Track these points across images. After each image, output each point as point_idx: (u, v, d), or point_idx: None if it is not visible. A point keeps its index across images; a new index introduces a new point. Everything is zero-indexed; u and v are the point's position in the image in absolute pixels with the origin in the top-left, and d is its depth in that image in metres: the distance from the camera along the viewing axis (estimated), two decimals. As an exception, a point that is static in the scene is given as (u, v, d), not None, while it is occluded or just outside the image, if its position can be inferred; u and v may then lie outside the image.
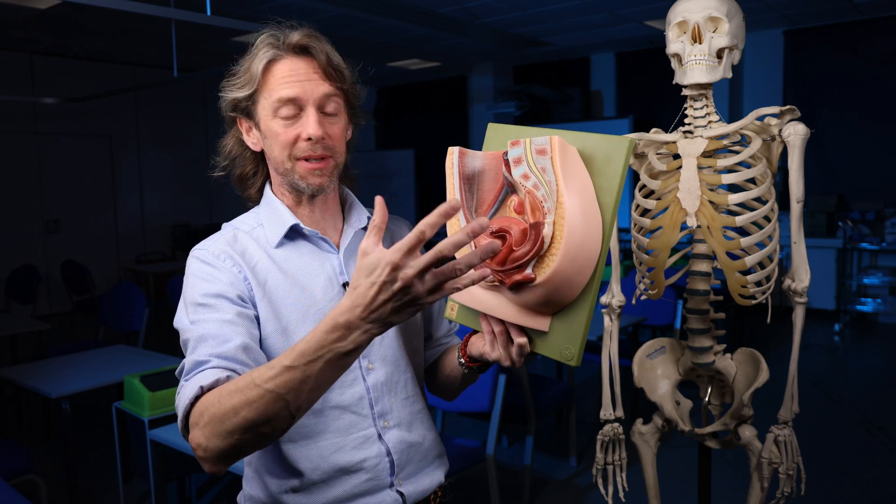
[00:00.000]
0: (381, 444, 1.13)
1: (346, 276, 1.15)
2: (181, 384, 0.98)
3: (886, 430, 3.87)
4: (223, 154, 1.19)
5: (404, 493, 1.15)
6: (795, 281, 1.56)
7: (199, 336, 1.00)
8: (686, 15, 1.55)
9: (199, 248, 1.11)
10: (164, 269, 6.66)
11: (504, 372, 2.67)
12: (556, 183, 0.93)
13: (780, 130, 1.54)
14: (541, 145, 0.95)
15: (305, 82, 1.08)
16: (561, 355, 0.99)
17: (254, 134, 1.14)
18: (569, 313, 0.98)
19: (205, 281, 1.06)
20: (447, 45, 7.48)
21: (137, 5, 3.96)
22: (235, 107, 1.13)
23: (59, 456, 3.70)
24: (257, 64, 1.08)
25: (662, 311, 3.91)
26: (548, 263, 0.93)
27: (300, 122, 1.08)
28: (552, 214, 0.93)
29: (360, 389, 1.13)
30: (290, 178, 1.11)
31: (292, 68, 1.08)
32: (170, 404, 2.53)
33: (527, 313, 1.00)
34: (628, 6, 6.04)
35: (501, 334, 1.04)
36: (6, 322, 4.21)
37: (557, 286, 0.94)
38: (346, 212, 1.22)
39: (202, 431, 0.89)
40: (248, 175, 1.20)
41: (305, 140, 1.08)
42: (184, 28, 5.57)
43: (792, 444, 1.62)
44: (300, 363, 0.84)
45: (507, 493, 3.18)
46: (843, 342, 6.06)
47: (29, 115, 7.56)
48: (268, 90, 1.09)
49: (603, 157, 0.96)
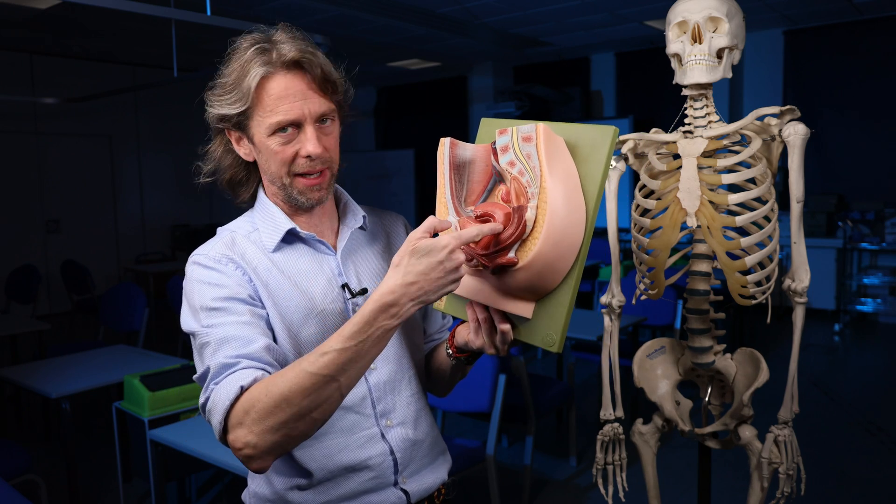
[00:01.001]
0: (385, 442, 1.13)
1: (345, 276, 1.15)
2: (209, 387, 0.97)
3: (886, 430, 3.86)
4: (211, 159, 1.16)
5: (408, 490, 1.15)
6: (795, 281, 1.56)
7: (221, 339, 0.99)
8: (686, 15, 1.55)
9: (199, 254, 1.09)
10: (164, 269, 6.65)
11: (504, 372, 2.67)
12: (541, 169, 0.95)
13: (780, 130, 1.53)
14: (526, 133, 0.97)
15: (302, 102, 1.05)
16: (543, 341, 1.00)
17: (245, 145, 1.11)
18: (551, 299, 0.99)
19: (212, 286, 1.05)
20: (447, 45, 7.48)
21: (137, 5, 3.96)
22: (223, 120, 1.09)
23: (59, 456, 3.70)
24: (250, 81, 1.03)
25: (662, 311, 3.91)
26: (530, 247, 0.95)
27: (298, 140, 1.06)
28: (535, 199, 0.95)
29: (363, 389, 1.13)
30: (289, 192, 1.10)
31: (287, 86, 1.04)
32: (170, 404, 2.53)
33: (510, 299, 1.02)
34: (628, 6, 6.04)
35: (486, 322, 1.06)
36: (6, 322, 4.21)
37: (539, 270, 0.96)
38: (341, 212, 1.22)
39: (250, 429, 0.91)
40: (239, 180, 1.18)
41: (304, 157, 1.07)
42: (184, 28, 5.57)
43: (792, 444, 1.62)
44: (350, 344, 0.91)
45: (507, 493, 3.18)
46: (843, 342, 6.06)
47: (29, 115, 7.56)
48: (262, 109, 1.05)
49: (589, 145, 0.98)
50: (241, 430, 0.91)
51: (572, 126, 1.00)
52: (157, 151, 8.61)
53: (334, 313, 1.12)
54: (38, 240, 7.70)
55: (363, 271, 1.18)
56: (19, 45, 7.27)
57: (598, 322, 1.77)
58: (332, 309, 1.12)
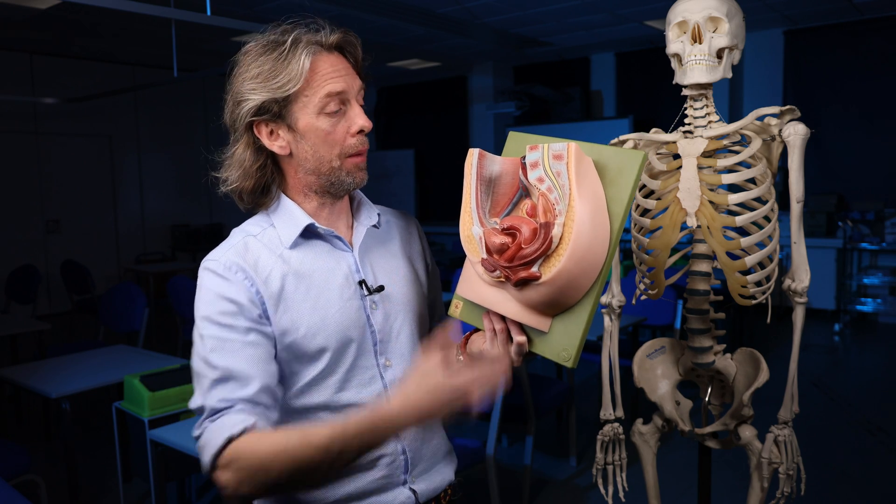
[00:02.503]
0: (398, 441, 1.13)
1: (362, 273, 1.14)
2: (203, 424, 1.00)
3: (886, 430, 3.86)
4: (235, 165, 1.10)
5: (417, 490, 1.15)
6: (795, 281, 1.56)
7: (219, 375, 1.01)
8: (686, 15, 1.55)
9: (211, 260, 1.07)
10: (164, 269, 6.65)
11: (504, 372, 2.66)
12: (570, 187, 0.97)
13: (780, 130, 1.54)
14: (558, 151, 0.99)
15: (346, 76, 1.08)
16: (558, 356, 1.02)
17: (282, 136, 1.07)
18: (569, 315, 1.01)
19: (221, 298, 1.04)
20: (447, 45, 7.48)
21: (137, 5, 3.96)
22: (260, 111, 1.05)
23: (59, 456, 3.70)
24: (301, 60, 1.03)
25: (662, 311, 3.91)
26: (554, 263, 0.96)
27: (346, 118, 1.08)
28: (563, 217, 0.97)
29: (378, 387, 1.13)
30: (336, 176, 1.09)
31: (333, 64, 1.07)
32: (170, 404, 2.53)
33: (529, 312, 1.02)
34: (628, 6, 6.04)
35: (502, 332, 1.06)
36: (6, 322, 4.20)
37: (561, 286, 0.97)
38: (355, 209, 1.21)
39: (233, 476, 0.95)
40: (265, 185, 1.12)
41: (355, 134, 1.08)
42: (184, 28, 5.57)
43: (792, 444, 1.62)
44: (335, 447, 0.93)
45: (507, 493, 3.18)
46: (843, 342, 6.06)
47: (29, 115, 7.56)
48: (310, 88, 1.05)
49: (616, 168, 1.00)
50: (228, 472, 0.96)
51: (601, 147, 1.03)
52: (157, 151, 8.61)
53: (352, 311, 1.11)
54: (38, 240, 7.70)
55: (379, 269, 1.17)
56: (19, 45, 7.27)
57: (598, 322, 1.77)
58: (349, 307, 1.11)
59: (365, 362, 1.12)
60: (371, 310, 1.13)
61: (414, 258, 1.25)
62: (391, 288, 1.17)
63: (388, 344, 1.14)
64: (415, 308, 1.19)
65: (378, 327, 1.13)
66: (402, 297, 1.18)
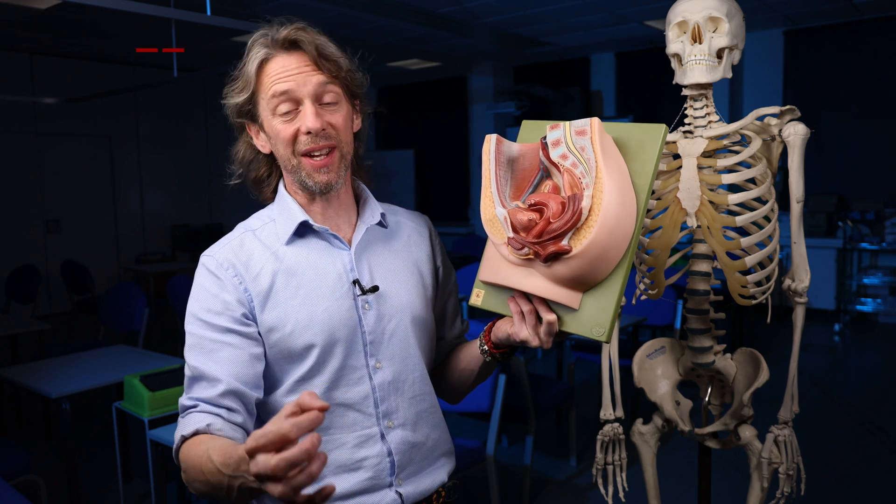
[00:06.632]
0: (384, 444, 1.13)
1: (356, 272, 1.14)
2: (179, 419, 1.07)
3: (886, 430, 3.86)
4: (237, 161, 1.19)
5: (402, 493, 1.14)
6: (795, 281, 1.56)
7: (193, 375, 1.06)
8: (686, 15, 1.55)
9: (208, 255, 1.12)
10: (164, 269, 6.65)
11: (504, 372, 2.67)
12: (596, 160, 0.96)
13: (780, 130, 1.54)
14: (580, 126, 1.00)
15: (297, 76, 1.08)
16: (591, 332, 1.00)
17: (262, 136, 1.14)
18: (600, 290, 1.00)
19: (208, 294, 1.09)
20: (447, 45, 7.48)
21: (137, 5, 3.96)
22: (240, 112, 1.13)
23: (59, 456, 3.70)
24: (251, 66, 1.09)
25: (662, 311, 3.91)
26: (584, 235, 0.96)
27: (299, 117, 1.08)
28: (590, 189, 0.96)
29: (366, 388, 1.12)
30: (298, 175, 1.11)
31: (283, 64, 1.08)
32: (170, 404, 2.53)
33: (558, 288, 1.01)
34: (628, 6, 6.04)
35: (531, 313, 1.04)
36: (6, 322, 4.20)
37: (592, 259, 0.96)
38: (360, 207, 1.21)
39: (183, 474, 0.99)
40: (262, 178, 1.20)
41: (305, 134, 1.08)
42: (184, 28, 5.57)
43: (792, 444, 1.62)
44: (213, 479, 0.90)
45: (507, 493, 3.18)
46: (843, 342, 6.06)
47: (29, 115, 7.56)
48: (263, 90, 1.09)
49: (636, 143, 1.01)
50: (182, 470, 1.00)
51: (620, 125, 1.03)
52: (157, 151, 8.61)
53: (342, 310, 1.11)
54: (38, 240, 7.70)
55: (377, 269, 1.17)
56: (19, 45, 7.27)
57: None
58: (339, 305, 1.11)
59: (354, 362, 1.11)
60: (364, 310, 1.13)
61: (421, 261, 1.24)
62: (388, 289, 1.15)
63: (380, 346, 1.13)
64: (414, 311, 1.18)
65: (369, 328, 1.13)
66: (400, 300, 1.16)
